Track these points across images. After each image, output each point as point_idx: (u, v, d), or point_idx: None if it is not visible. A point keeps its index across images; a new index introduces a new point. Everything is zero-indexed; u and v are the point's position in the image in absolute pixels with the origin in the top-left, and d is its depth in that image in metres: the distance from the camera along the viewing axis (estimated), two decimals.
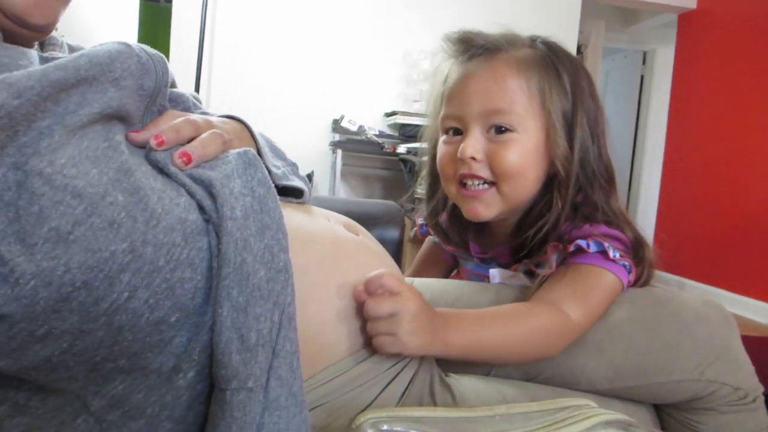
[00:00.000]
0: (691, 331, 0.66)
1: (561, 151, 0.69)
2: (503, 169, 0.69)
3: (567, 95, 0.71)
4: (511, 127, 0.69)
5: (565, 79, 0.71)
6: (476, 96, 0.70)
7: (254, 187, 0.49)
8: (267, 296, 0.45)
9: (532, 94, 0.70)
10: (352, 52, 3.40)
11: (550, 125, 0.70)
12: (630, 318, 0.68)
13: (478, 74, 0.71)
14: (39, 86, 0.41)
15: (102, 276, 0.39)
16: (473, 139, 0.69)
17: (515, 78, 0.69)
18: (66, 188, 0.39)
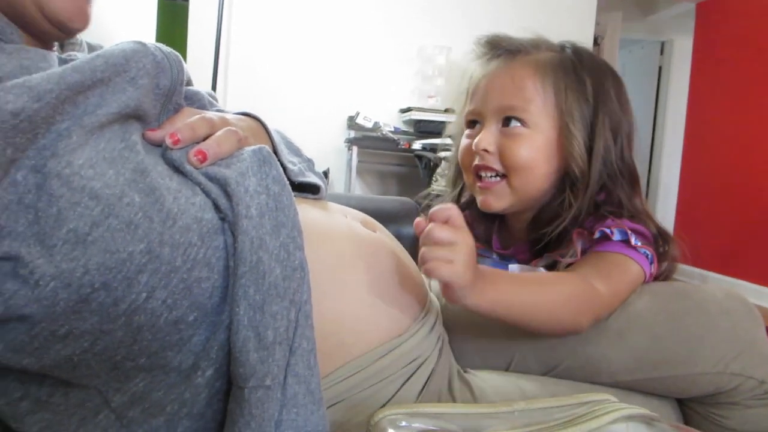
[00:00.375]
0: (715, 323, 0.65)
1: (575, 151, 0.72)
2: (513, 161, 0.72)
3: (588, 98, 0.73)
4: (523, 122, 0.72)
5: (587, 83, 0.73)
6: (494, 93, 0.74)
7: (269, 185, 0.49)
8: (283, 294, 0.46)
9: (547, 94, 0.73)
10: (367, 49, 3.40)
11: (564, 125, 0.72)
12: (651, 308, 0.67)
13: (498, 73, 0.75)
14: (58, 89, 0.41)
15: (120, 277, 0.39)
16: (487, 133, 0.74)
17: (531, 77, 0.73)
18: (83, 189, 0.39)
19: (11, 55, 0.44)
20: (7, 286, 0.37)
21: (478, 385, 0.63)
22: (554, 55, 0.76)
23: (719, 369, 0.63)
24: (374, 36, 3.40)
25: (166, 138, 0.49)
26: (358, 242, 0.59)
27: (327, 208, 0.64)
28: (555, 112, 0.73)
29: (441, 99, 3.25)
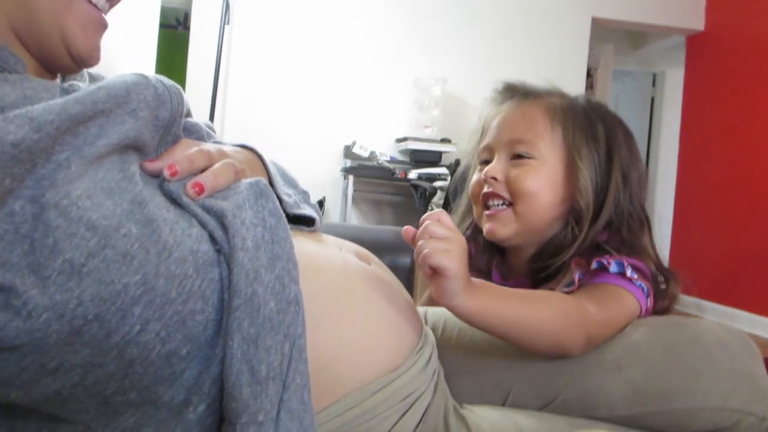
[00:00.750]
0: (712, 357, 0.64)
1: (581, 184, 0.75)
2: (519, 189, 0.75)
3: (598, 139, 0.77)
4: (531, 155, 0.76)
5: (597, 126, 0.78)
6: (505, 128, 0.79)
7: (265, 218, 0.49)
8: (278, 328, 0.45)
9: (555, 130, 0.77)
10: (364, 79, 3.45)
11: (572, 159, 0.76)
12: (648, 340, 0.67)
13: (510, 111, 0.81)
14: (59, 120, 0.42)
15: (114, 309, 0.39)
16: (497, 163, 0.78)
17: (541, 114, 0.78)
18: (81, 220, 0.39)
19: (14, 85, 0.45)
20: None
21: (475, 422, 0.62)
22: (566, 101, 0.81)
23: (718, 404, 0.62)
24: (371, 66, 3.46)
25: (164, 169, 0.50)
26: (353, 275, 0.58)
27: (322, 241, 0.64)
28: (563, 147, 0.76)
29: (437, 129, 3.29)
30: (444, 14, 3.52)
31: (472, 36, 3.56)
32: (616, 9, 3.73)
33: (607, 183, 0.76)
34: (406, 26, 3.48)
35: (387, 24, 3.47)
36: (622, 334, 0.67)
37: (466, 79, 3.50)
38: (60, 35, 0.52)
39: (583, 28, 3.69)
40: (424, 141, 3.20)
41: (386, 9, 3.46)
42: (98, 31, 0.56)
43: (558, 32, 3.66)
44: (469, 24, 3.55)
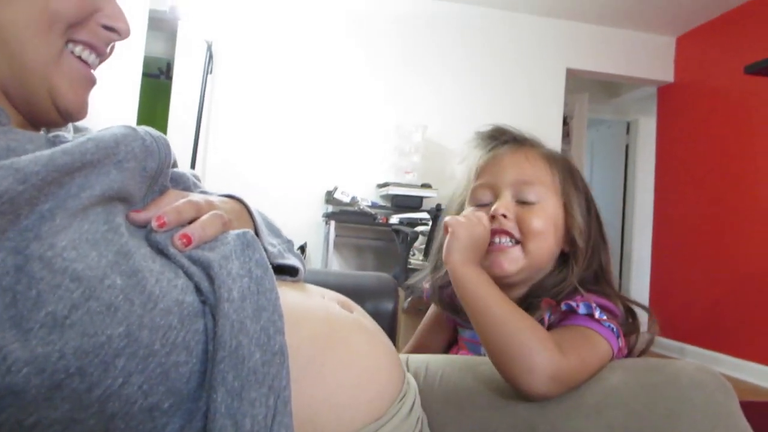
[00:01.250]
0: (689, 396, 0.64)
1: (578, 226, 0.80)
2: (530, 228, 0.78)
3: (580, 189, 0.84)
4: (537, 198, 0.80)
5: (577, 176, 0.85)
6: (509, 168, 0.82)
7: (252, 269, 0.49)
8: (262, 380, 0.44)
9: (554, 177, 0.82)
10: (345, 125, 3.50)
11: (569, 205, 0.81)
12: (626, 382, 0.67)
13: (511, 153, 0.84)
14: (45, 171, 0.42)
15: (97, 361, 0.38)
16: (505, 201, 0.80)
17: (542, 162, 0.82)
18: (65, 271, 0.39)
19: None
20: None
21: None
22: (550, 150, 0.86)
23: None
24: (353, 113, 3.52)
25: (152, 221, 0.50)
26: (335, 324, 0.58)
27: (305, 290, 0.64)
28: (560, 193, 0.81)
29: (417, 174, 3.33)
30: (424, 63, 3.63)
31: (452, 84, 3.66)
32: (589, 61, 3.88)
33: (588, 228, 0.81)
34: (387, 75, 3.57)
35: (368, 72, 3.55)
36: (600, 378, 0.67)
37: (445, 126, 3.58)
38: (48, 91, 0.52)
39: (559, 78, 3.83)
40: (405, 186, 3.24)
41: (367, 58, 3.56)
42: (87, 87, 0.57)
43: (534, 82, 3.78)
44: (448, 72, 3.66)
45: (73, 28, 0.53)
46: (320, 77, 3.48)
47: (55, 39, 0.52)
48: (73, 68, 0.54)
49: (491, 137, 0.87)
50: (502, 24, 3.75)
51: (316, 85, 3.47)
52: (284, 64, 3.44)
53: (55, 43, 0.52)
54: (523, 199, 0.79)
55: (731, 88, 3.46)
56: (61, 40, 0.52)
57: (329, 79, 3.50)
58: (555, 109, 3.81)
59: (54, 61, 0.52)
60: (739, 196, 3.34)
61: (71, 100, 0.54)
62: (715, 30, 3.66)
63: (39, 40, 0.51)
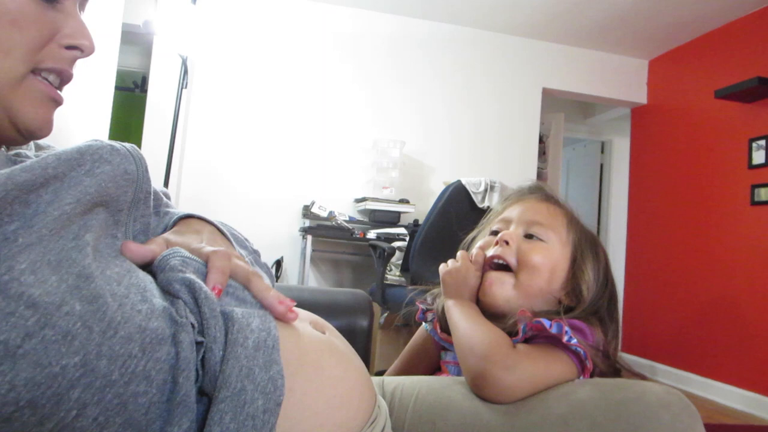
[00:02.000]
0: (655, 415, 0.65)
1: (588, 281, 0.84)
2: (526, 259, 0.83)
3: (600, 261, 0.88)
4: (543, 238, 0.85)
5: (598, 248, 0.89)
6: (527, 211, 0.89)
7: (271, 329, 0.50)
8: (260, 428, 0.44)
9: (569, 232, 0.87)
10: (323, 140, 3.50)
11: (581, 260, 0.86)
12: (593, 397, 0.68)
13: (535, 201, 0.91)
14: (3, 190, 0.40)
15: (50, 393, 0.36)
16: (513, 232, 0.86)
17: (562, 217, 0.88)
18: (20, 298, 0.37)
19: None
20: None
21: None
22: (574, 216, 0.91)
23: None
24: (330, 128, 3.52)
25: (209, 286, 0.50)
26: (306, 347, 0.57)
27: None
28: (571, 249, 0.86)
29: (395, 190, 3.33)
30: (402, 80, 3.65)
31: (430, 101, 3.69)
32: (565, 81, 3.95)
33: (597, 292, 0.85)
34: (366, 90, 3.59)
35: (346, 87, 3.56)
36: (568, 392, 0.69)
37: (424, 143, 3.60)
38: (5, 110, 0.51)
39: (535, 97, 3.89)
40: (382, 201, 3.24)
41: (345, 73, 3.57)
42: (50, 106, 0.55)
43: (512, 100, 3.83)
44: (427, 89, 3.68)
45: (36, 54, 0.52)
46: (298, 92, 3.48)
47: (16, 65, 0.50)
48: (35, 89, 0.53)
49: (528, 190, 0.95)
50: (480, 43, 3.80)
51: (294, 99, 3.47)
52: (260, 79, 3.42)
53: (16, 68, 0.50)
54: (531, 234, 0.85)
55: (702, 110, 3.56)
56: (22, 66, 0.51)
57: (307, 94, 3.49)
58: (531, 127, 3.86)
59: (12, 86, 0.51)
60: (709, 216, 3.42)
61: (32, 118, 0.53)
62: (686, 54, 3.76)
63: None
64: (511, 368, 0.69)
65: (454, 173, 3.35)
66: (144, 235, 0.56)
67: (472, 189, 2.72)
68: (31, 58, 0.51)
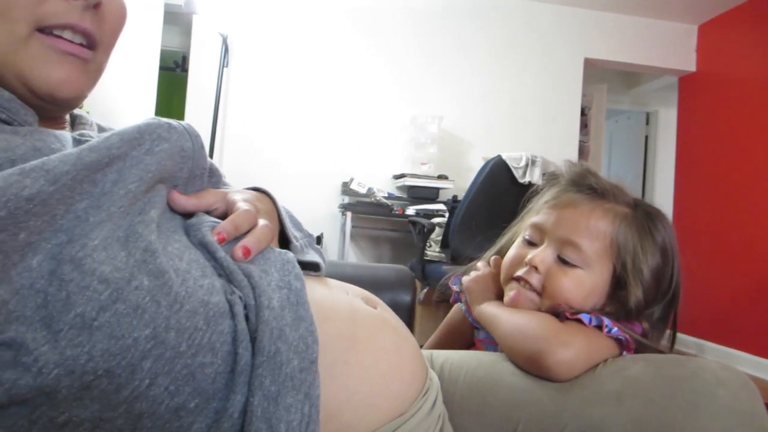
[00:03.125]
0: (712, 392, 0.64)
1: (637, 300, 0.77)
2: (553, 291, 0.77)
3: (659, 253, 0.79)
4: (578, 263, 0.77)
5: (657, 240, 0.79)
6: (564, 223, 0.79)
7: (291, 281, 0.50)
8: (299, 387, 0.45)
9: (613, 245, 0.78)
10: (362, 117, 3.49)
11: (630, 277, 0.77)
12: (647, 372, 0.67)
13: (576, 206, 0.80)
14: (74, 170, 0.42)
15: (124, 363, 0.38)
16: (544, 254, 0.79)
17: (605, 225, 0.78)
18: (94, 273, 0.39)
19: (25, 137, 0.45)
20: (7, 376, 0.36)
21: None
22: (631, 211, 0.80)
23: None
24: (369, 105, 3.51)
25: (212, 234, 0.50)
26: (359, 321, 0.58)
27: (329, 286, 0.64)
28: (615, 263, 0.77)
29: (434, 166, 3.32)
30: (440, 54, 3.60)
31: (468, 75, 3.63)
32: (607, 50, 3.82)
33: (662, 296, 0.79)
34: (403, 66, 3.56)
35: (384, 63, 3.54)
36: (621, 368, 0.68)
37: (462, 117, 3.56)
38: (15, 76, 0.50)
39: (577, 68, 3.78)
40: (421, 177, 3.23)
41: (382, 49, 3.54)
42: (66, 61, 0.53)
43: (552, 72, 3.74)
44: (464, 63, 3.63)
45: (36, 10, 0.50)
46: (335, 69, 3.47)
47: (15, 26, 0.49)
48: (44, 46, 0.51)
49: (572, 181, 0.84)
50: (519, 13, 3.70)
51: (332, 76, 3.47)
52: (300, 57, 3.43)
53: (16, 30, 0.49)
54: (564, 258, 0.77)
55: (756, 77, 3.39)
56: (23, 26, 0.50)
57: (345, 71, 3.49)
58: (573, 99, 3.76)
59: (16, 49, 0.50)
60: (763, 190, 3.28)
61: (45, 80, 0.51)
62: (739, 18, 3.57)
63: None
64: (567, 344, 0.69)
65: (493, 148, 3.31)
66: None
67: (513, 164, 2.68)
68: (30, 16, 0.50)
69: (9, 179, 0.38)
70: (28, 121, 0.50)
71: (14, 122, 0.49)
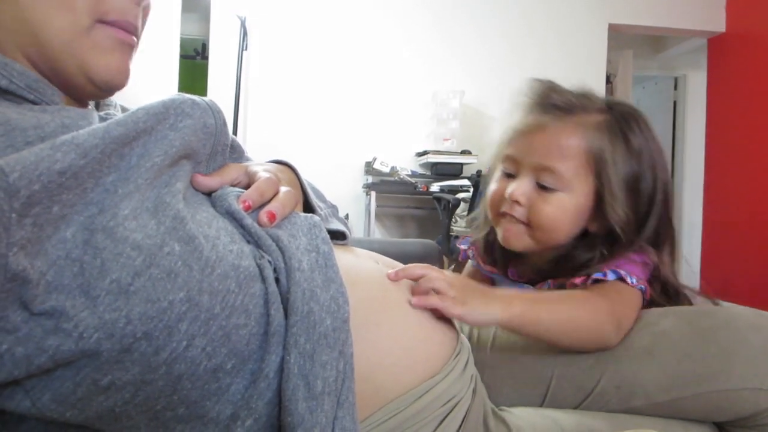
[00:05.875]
0: (746, 338, 0.64)
1: (619, 217, 0.73)
2: (538, 220, 0.75)
3: (633, 160, 0.75)
4: (557, 187, 0.74)
5: (633, 145, 0.75)
6: (536, 148, 0.76)
7: (319, 245, 0.51)
8: (333, 345, 0.46)
9: (589, 160, 0.74)
10: (382, 95, 3.47)
11: (607, 192, 0.74)
12: (678, 326, 0.67)
13: (545, 129, 0.76)
14: (103, 144, 0.43)
15: (161, 326, 0.40)
16: (522, 185, 0.76)
17: (577, 141, 0.74)
18: (126, 240, 0.40)
19: (53, 115, 0.46)
20: (50, 342, 0.37)
21: (515, 423, 0.62)
22: (603, 117, 0.76)
23: (755, 385, 0.62)
24: (389, 82, 3.48)
25: (237, 202, 0.52)
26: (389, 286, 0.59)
27: (355, 253, 0.65)
28: (595, 178, 0.74)
29: (456, 141, 3.29)
30: (458, 27, 3.55)
31: (488, 47, 3.57)
32: (632, 14, 3.71)
33: (646, 208, 0.75)
34: (421, 42, 3.51)
35: (402, 40, 3.50)
36: (650, 323, 0.69)
37: (483, 91, 3.51)
38: (77, 64, 0.52)
39: (600, 35, 3.68)
40: (444, 154, 3.20)
41: (401, 25, 3.50)
42: (122, 50, 0.55)
43: (574, 40, 3.65)
44: (483, 35, 3.56)
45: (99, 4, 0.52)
46: (354, 47, 3.45)
47: (80, 17, 0.51)
48: (104, 36, 0.53)
49: (537, 104, 0.79)
50: None
51: (351, 55, 3.45)
52: (318, 35, 3.42)
53: (80, 21, 0.51)
54: (542, 184, 0.75)
55: None
56: (86, 18, 0.51)
57: (363, 49, 3.46)
58: (597, 67, 3.67)
59: (79, 38, 0.51)
60: None
61: (104, 67, 0.53)
62: None
63: (61, 20, 0.50)
64: (619, 328, 0.68)
65: None
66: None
67: None
68: (95, 9, 0.52)
69: (40, 154, 0.39)
70: (54, 101, 0.51)
71: (41, 102, 0.50)
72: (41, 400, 0.39)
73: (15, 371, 0.37)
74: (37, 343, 0.37)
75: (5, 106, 0.46)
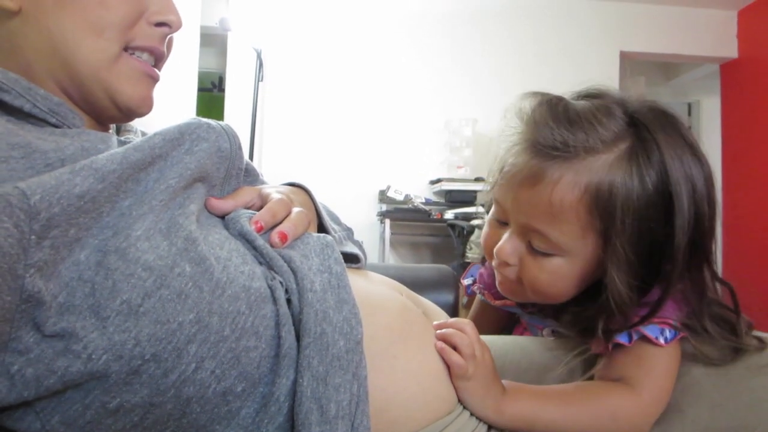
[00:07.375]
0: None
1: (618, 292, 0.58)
2: (532, 286, 0.65)
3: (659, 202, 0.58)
4: (552, 252, 0.62)
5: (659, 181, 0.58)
6: (527, 205, 0.61)
7: (331, 265, 0.51)
8: (346, 367, 0.45)
9: (592, 220, 0.59)
10: (395, 124, 3.50)
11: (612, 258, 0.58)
12: (708, 373, 0.63)
13: (535, 181, 0.60)
14: (120, 169, 0.44)
15: (170, 348, 0.40)
16: (511, 243, 0.64)
17: (576, 197, 0.58)
18: (138, 261, 0.41)
19: (73, 138, 0.48)
20: (59, 364, 0.38)
21: None
22: (614, 156, 0.59)
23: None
24: (402, 111, 3.52)
25: (249, 223, 0.52)
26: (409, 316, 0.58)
27: (372, 279, 0.64)
28: (599, 239, 0.59)
29: (470, 169, 3.29)
30: (470, 55, 3.59)
31: (500, 75, 3.59)
32: (644, 42, 3.73)
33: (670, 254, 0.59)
34: (434, 70, 3.55)
35: (415, 69, 3.54)
36: (680, 374, 0.63)
37: (496, 119, 3.51)
38: (104, 90, 0.54)
39: (612, 62, 3.70)
40: (457, 181, 3.21)
41: (413, 55, 3.55)
42: (147, 83, 0.58)
43: (586, 68, 3.66)
44: (495, 63, 3.60)
45: (127, 32, 0.54)
46: (367, 76, 3.50)
47: (109, 45, 0.53)
48: (130, 67, 0.56)
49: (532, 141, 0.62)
50: (549, 9, 3.65)
51: (364, 84, 3.49)
52: (332, 66, 3.47)
53: (109, 48, 0.53)
54: (534, 247, 0.62)
55: None
56: (116, 45, 0.54)
57: (376, 78, 3.51)
58: None
59: (108, 66, 0.54)
60: None
61: (129, 96, 0.56)
62: None
63: (90, 47, 0.52)
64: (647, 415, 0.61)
65: None
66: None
67: None
68: (122, 37, 0.54)
69: (61, 177, 0.40)
70: (75, 124, 0.52)
71: (63, 125, 0.51)
72: (51, 423, 0.39)
73: (25, 392, 0.37)
74: (47, 365, 0.37)
75: (27, 129, 0.47)
